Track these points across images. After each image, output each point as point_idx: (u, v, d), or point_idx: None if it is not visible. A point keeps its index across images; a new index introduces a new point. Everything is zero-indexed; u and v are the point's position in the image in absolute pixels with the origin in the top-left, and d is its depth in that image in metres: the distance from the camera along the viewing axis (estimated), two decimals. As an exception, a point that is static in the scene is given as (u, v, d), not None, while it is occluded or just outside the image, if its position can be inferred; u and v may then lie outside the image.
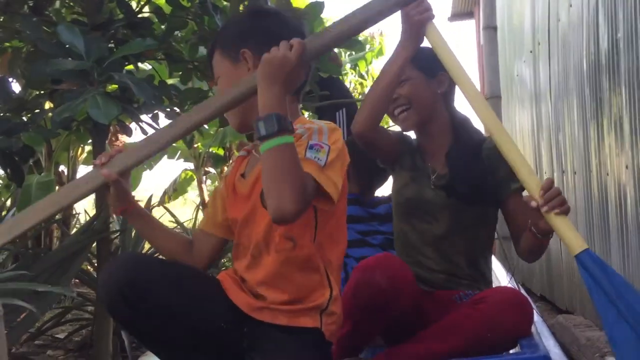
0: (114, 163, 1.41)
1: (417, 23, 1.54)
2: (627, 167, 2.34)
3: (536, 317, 1.77)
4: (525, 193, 1.53)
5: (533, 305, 1.70)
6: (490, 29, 4.41)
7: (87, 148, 4.93)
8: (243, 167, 1.47)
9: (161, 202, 6.43)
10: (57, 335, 3.24)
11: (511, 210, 1.71)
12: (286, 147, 1.20)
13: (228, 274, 1.40)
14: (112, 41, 2.33)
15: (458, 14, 8.40)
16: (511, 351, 1.55)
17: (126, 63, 2.33)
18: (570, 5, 3.08)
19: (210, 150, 5.71)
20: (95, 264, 3.01)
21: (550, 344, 1.80)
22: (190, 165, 6.57)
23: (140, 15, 2.47)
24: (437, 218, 1.73)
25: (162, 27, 2.51)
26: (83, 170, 7.79)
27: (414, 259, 1.75)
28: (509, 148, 1.46)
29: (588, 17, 2.79)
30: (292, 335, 1.30)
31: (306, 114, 3.43)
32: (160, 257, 1.35)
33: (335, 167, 1.28)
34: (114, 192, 1.43)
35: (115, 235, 3.13)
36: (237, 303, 1.32)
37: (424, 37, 1.56)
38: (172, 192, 6.92)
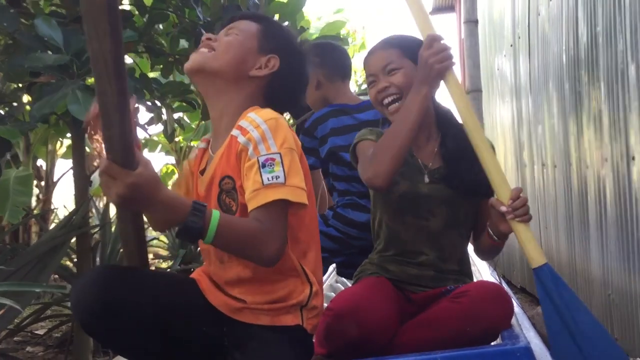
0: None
1: (437, 71, 1.56)
2: (606, 160, 2.37)
3: (517, 308, 1.79)
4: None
5: (513, 298, 1.72)
6: (471, 22, 4.44)
7: (66, 142, 4.88)
8: (204, 162, 1.42)
9: (142, 197, 6.37)
10: (36, 332, 3.21)
11: (488, 213, 1.68)
12: (223, 225, 1.16)
13: (205, 272, 1.37)
14: (91, 34, 2.30)
15: (439, 8, 8.43)
16: (492, 343, 1.57)
17: (106, 56, 2.30)
18: (550, 0, 3.10)
19: (192, 144, 5.67)
20: (75, 260, 2.98)
21: (530, 335, 1.82)
22: (172, 159, 6.53)
23: (120, 8, 2.44)
24: (434, 213, 1.69)
25: (143, 19, 2.48)
26: (61, 165, 7.70)
27: (404, 256, 1.73)
28: (485, 155, 1.57)
29: (568, 12, 2.81)
30: (274, 333, 1.29)
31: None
32: (134, 266, 1.30)
33: (294, 170, 1.24)
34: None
35: (95, 230, 3.10)
36: (215, 305, 1.30)
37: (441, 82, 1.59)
38: (153, 187, 6.86)
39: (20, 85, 2.42)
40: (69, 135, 3.70)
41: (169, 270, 4.10)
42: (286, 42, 1.43)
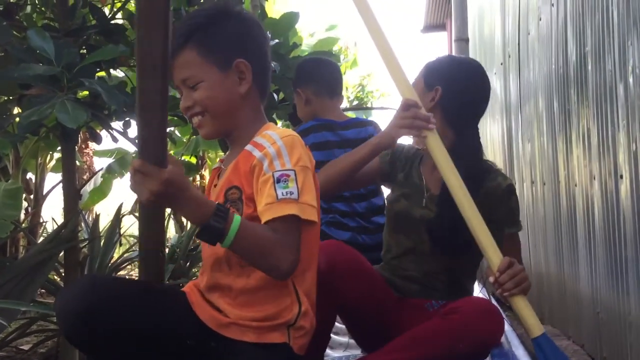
0: None
1: (401, 132, 1.63)
2: (594, 178, 2.39)
3: (506, 326, 1.79)
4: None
5: (503, 315, 1.72)
6: (462, 41, 4.48)
7: (56, 155, 4.86)
8: (217, 179, 1.45)
9: (132, 211, 6.34)
10: (21, 347, 3.16)
11: (501, 249, 1.69)
12: (243, 229, 1.18)
13: (195, 285, 1.37)
14: (84, 47, 2.30)
15: (430, 26, 8.52)
16: (483, 361, 1.56)
17: (98, 70, 2.30)
18: (540, 20, 3.14)
19: (183, 158, 5.66)
20: (63, 274, 2.95)
21: (520, 353, 1.82)
22: (162, 174, 6.51)
23: (113, 22, 2.45)
24: (422, 238, 1.71)
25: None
26: (51, 178, 7.65)
27: (393, 266, 1.76)
28: (477, 224, 1.57)
29: (557, 32, 2.85)
30: (260, 349, 1.27)
31: (279, 122, 3.43)
32: (119, 276, 1.31)
33: (307, 188, 1.26)
34: None
35: (84, 244, 3.07)
36: (203, 319, 1.29)
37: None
38: (143, 201, 6.83)
39: (10, 97, 2.41)
40: (59, 148, 3.68)
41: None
42: (232, 38, 1.36)
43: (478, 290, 2.61)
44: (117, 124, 2.45)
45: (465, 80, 1.75)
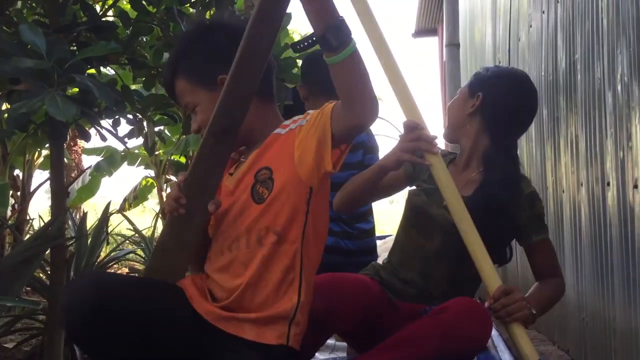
0: (194, 197, 1.35)
1: (397, 158, 1.61)
2: (581, 184, 2.41)
3: (493, 331, 1.80)
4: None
5: (492, 317, 1.72)
6: (453, 46, 4.51)
7: (44, 152, 4.82)
8: (233, 168, 1.45)
9: (120, 210, 6.31)
10: (5, 345, 3.13)
11: (530, 257, 1.73)
12: (359, 52, 1.20)
13: (193, 280, 1.37)
14: (74, 44, 2.29)
15: (422, 31, 8.55)
16: (469, 365, 1.57)
17: (88, 67, 2.29)
18: (530, 26, 3.16)
19: (172, 157, 5.64)
20: (49, 272, 2.93)
21: (506, 358, 1.83)
22: (151, 173, 6.48)
23: (104, 19, 2.43)
24: (432, 236, 1.72)
25: (127, 31, 2.48)
26: (39, 175, 7.59)
27: (394, 266, 1.77)
28: (478, 251, 1.56)
29: (547, 39, 2.87)
30: (255, 350, 1.27)
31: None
32: (119, 273, 1.33)
33: None
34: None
35: (71, 242, 3.05)
36: (200, 311, 1.30)
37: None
38: (132, 200, 6.81)
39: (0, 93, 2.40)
40: (47, 145, 3.65)
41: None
42: (211, 55, 1.40)
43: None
44: (106, 123, 2.44)
45: (506, 87, 1.77)
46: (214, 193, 1.35)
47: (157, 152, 5.57)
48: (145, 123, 2.68)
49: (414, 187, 1.87)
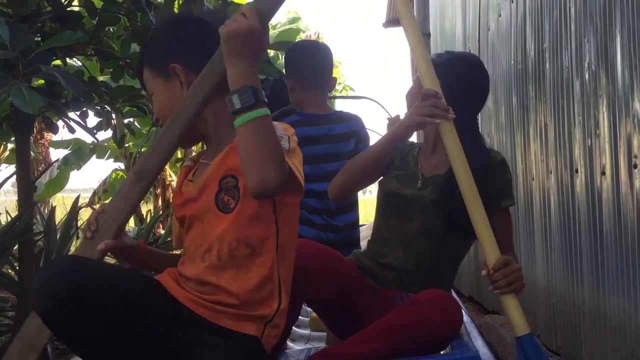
0: (103, 230, 1.37)
1: (416, 122, 1.65)
2: (550, 172, 2.45)
3: (465, 317, 1.82)
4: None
5: (462, 307, 1.75)
6: (424, 35, 4.52)
7: (10, 146, 4.72)
8: (190, 175, 1.44)
9: (90, 203, 6.22)
10: (-27, 343, 3.07)
11: (494, 224, 1.70)
12: (265, 119, 1.21)
13: (169, 273, 1.35)
14: (39, 34, 2.23)
15: (392, 21, 8.55)
16: (442, 352, 1.59)
17: (54, 58, 2.23)
18: (500, 16, 3.19)
19: (142, 150, 5.57)
20: (17, 267, 2.87)
21: (479, 344, 1.86)
22: (121, 165, 6.39)
23: (69, 9, 2.38)
24: (411, 217, 1.77)
25: (93, 22, 2.43)
26: (5, 170, 7.44)
27: (374, 252, 1.81)
28: (480, 220, 1.56)
29: (516, 28, 2.90)
30: (228, 339, 1.26)
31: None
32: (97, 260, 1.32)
33: (296, 156, 1.31)
34: (117, 255, 1.42)
35: (39, 237, 2.99)
36: (177, 296, 1.28)
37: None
38: (102, 193, 6.71)
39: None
40: (12, 139, 3.57)
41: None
42: (168, 45, 1.41)
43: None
44: (74, 114, 2.39)
45: (463, 71, 1.82)
46: (118, 233, 1.37)
47: (126, 145, 5.50)
48: (113, 115, 2.64)
49: (384, 177, 1.90)
